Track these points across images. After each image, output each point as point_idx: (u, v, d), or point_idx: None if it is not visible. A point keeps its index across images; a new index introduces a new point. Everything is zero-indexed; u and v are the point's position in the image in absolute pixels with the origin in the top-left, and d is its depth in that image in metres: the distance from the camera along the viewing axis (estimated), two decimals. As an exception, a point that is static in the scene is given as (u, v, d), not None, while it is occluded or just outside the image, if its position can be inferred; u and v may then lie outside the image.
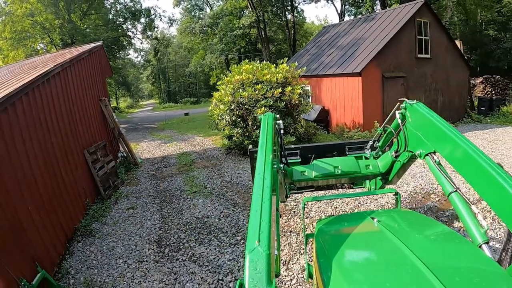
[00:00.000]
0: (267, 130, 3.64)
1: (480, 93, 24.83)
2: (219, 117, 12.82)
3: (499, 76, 25.77)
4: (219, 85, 13.04)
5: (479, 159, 2.71)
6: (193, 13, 54.55)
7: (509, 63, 31.44)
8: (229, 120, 12.26)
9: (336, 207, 7.92)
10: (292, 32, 41.60)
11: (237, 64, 13.41)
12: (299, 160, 5.58)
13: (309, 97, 14.00)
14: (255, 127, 11.88)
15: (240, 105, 11.79)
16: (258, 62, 13.61)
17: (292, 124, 12.44)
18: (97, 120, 11.45)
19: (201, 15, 51.36)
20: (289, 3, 41.26)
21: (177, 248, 6.70)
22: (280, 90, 11.63)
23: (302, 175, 4.96)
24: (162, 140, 19.21)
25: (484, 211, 7.02)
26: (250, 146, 5.87)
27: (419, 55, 16.60)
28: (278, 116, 4.76)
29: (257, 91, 11.57)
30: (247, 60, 13.37)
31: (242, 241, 6.76)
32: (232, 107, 11.92)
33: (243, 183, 10.17)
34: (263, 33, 39.41)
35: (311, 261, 3.43)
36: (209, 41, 45.01)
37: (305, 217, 7.45)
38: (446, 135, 3.16)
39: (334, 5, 66.38)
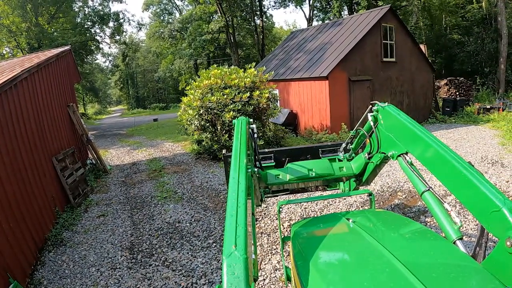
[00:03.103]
0: (241, 134, 3.64)
1: (445, 94, 25.48)
2: (188, 122, 12.85)
3: (463, 78, 26.53)
4: (188, 90, 13.02)
5: (450, 159, 2.78)
6: (162, 18, 54.44)
7: (473, 66, 32.08)
8: (198, 125, 12.30)
9: (305, 208, 8.04)
10: (261, 37, 41.67)
11: (206, 69, 13.39)
12: (273, 163, 5.59)
13: (277, 101, 14.22)
14: (224, 132, 11.98)
15: (209, 109, 11.84)
16: (226, 67, 13.74)
17: (261, 128, 12.59)
18: (65, 126, 11.25)
19: (170, 20, 51.15)
20: (258, 8, 41.44)
21: (149, 254, 6.67)
22: (248, 94, 11.76)
23: (276, 178, 4.99)
24: (131, 146, 18.94)
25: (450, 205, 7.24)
26: (224, 151, 5.86)
27: (384, 59, 17.13)
28: (251, 120, 4.78)
29: (225, 96, 11.66)
30: (215, 65, 13.51)
31: (214, 244, 6.79)
32: (201, 112, 11.95)
33: (213, 187, 10.20)
34: (232, 38, 39.40)
35: (289, 264, 3.49)
36: (178, 46, 44.81)
37: (280, 220, 7.60)
38: (418, 136, 3.24)
39: (302, 10, 66.81)
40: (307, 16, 42.80)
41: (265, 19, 44.81)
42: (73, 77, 14.11)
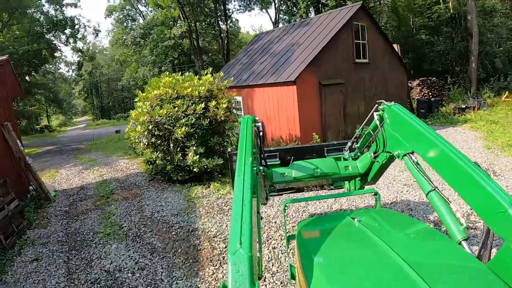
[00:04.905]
0: (247, 133, 3.68)
1: (418, 95, 25.16)
2: (137, 140, 11.11)
3: (435, 78, 26.18)
4: (136, 102, 11.31)
5: (457, 159, 2.76)
6: (125, 24, 52.84)
7: (443, 65, 32.16)
8: (146, 143, 10.60)
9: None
10: (226, 42, 40.44)
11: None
12: (279, 162, 5.56)
13: (240, 110, 12.61)
14: (178, 149, 10.29)
15: (159, 124, 10.17)
16: (187, 73, 11.99)
17: (222, 142, 10.99)
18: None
19: (134, 26, 49.52)
20: (223, 12, 40.22)
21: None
22: (203, 105, 10.11)
23: (281, 177, 4.94)
24: (85, 165, 17.15)
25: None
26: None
27: (357, 60, 15.89)
28: (257, 118, 4.79)
29: (176, 108, 9.99)
30: (167, 72, 11.75)
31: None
32: (150, 127, 10.27)
33: (165, 219, 8.64)
34: (195, 43, 37.95)
35: (293, 262, 3.55)
36: (141, 53, 43.19)
37: (286, 219, 7.47)
38: (424, 135, 3.21)
39: (268, 13, 66.29)
40: (273, 20, 42.04)
41: (230, 24, 44.02)
42: (11, 92, 12.21)
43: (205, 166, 9.92)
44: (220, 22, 41.13)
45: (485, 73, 30.14)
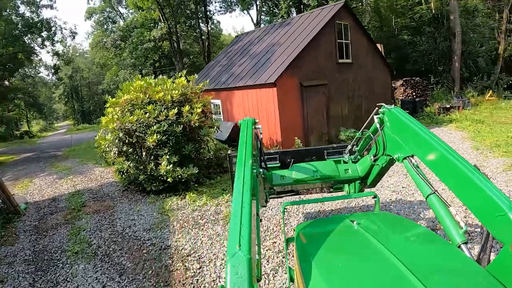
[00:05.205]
0: (247, 135, 3.65)
1: (401, 95, 25.07)
2: (107, 148, 10.35)
3: (418, 78, 26.09)
4: (107, 107, 10.56)
5: (456, 162, 2.76)
6: (105, 26, 51.79)
7: (426, 65, 32.23)
8: (117, 151, 9.91)
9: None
10: (207, 43, 39.79)
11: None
12: (279, 164, 5.59)
13: (220, 114, 11.97)
14: (151, 157, 9.60)
15: (130, 132, 9.48)
16: (160, 76, 11.19)
17: (199, 149, 10.34)
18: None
19: (114, 29, 48.56)
20: (204, 14, 39.60)
21: None
22: (176, 110, 9.40)
23: (281, 179, 4.97)
24: (60, 173, 16.34)
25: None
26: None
27: (340, 60, 15.38)
28: (257, 120, 4.77)
29: (147, 114, 9.29)
30: (139, 76, 11.03)
31: None
32: (121, 135, 9.55)
33: (136, 235, 7.99)
34: (176, 45, 37.17)
35: (292, 265, 3.55)
36: (122, 56, 42.27)
37: (284, 221, 7.32)
38: (424, 139, 3.21)
39: (249, 14, 65.67)
40: (255, 21, 41.52)
41: (212, 26, 43.54)
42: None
43: (179, 176, 9.26)
44: (201, 24, 40.47)
45: (468, 73, 30.29)
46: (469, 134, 14.42)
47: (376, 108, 4.27)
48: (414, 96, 24.22)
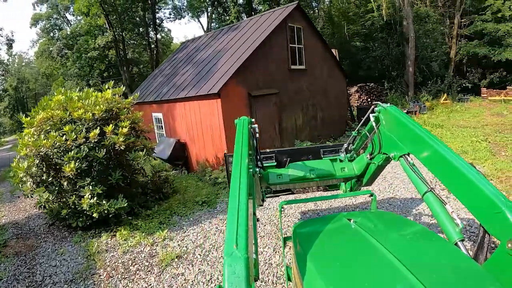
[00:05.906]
0: (243, 134, 3.60)
1: (356, 101, 24.94)
2: (24, 178, 8.35)
3: (373, 84, 26.19)
4: (25, 127, 8.63)
5: (452, 160, 2.79)
6: (52, 34, 48.87)
7: (379, 71, 32.56)
8: (33, 182, 8.14)
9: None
10: (155, 52, 38.21)
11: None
12: (275, 163, 5.55)
13: (162, 128, 10.44)
14: (76, 187, 7.88)
15: (46, 158, 7.82)
16: (86, 89, 9.51)
17: (129, 176, 8.76)
18: None
19: (60, 37, 45.97)
20: (153, 21, 38.11)
21: None
22: (97, 131, 7.70)
23: (278, 178, 4.98)
24: (-13, 200, 14.31)
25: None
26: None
27: (293, 66, 14.32)
28: (253, 120, 4.57)
29: (64, 136, 7.63)
30: (62, 89, 9.36)
31: None
32: (37, 162, 7.83)
33: (58, 286, 6.44)
34: (122, 54, 35.36)
35: (290, 264, 3.51)
36: (67, 66, 39.77)
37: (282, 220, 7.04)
38: (420, 137, 3.23)
39: (199, 21, 64.55)
40: (205, 28, 40.63)
41: (162, 34, 41.87)
42: None
43: (106, 211, 7.70)
44: (151, 32, 38.82)
45: (422, 77, 30.75)
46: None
47: (372, 106, 4.19)
48: (370, 102, 24.04)
